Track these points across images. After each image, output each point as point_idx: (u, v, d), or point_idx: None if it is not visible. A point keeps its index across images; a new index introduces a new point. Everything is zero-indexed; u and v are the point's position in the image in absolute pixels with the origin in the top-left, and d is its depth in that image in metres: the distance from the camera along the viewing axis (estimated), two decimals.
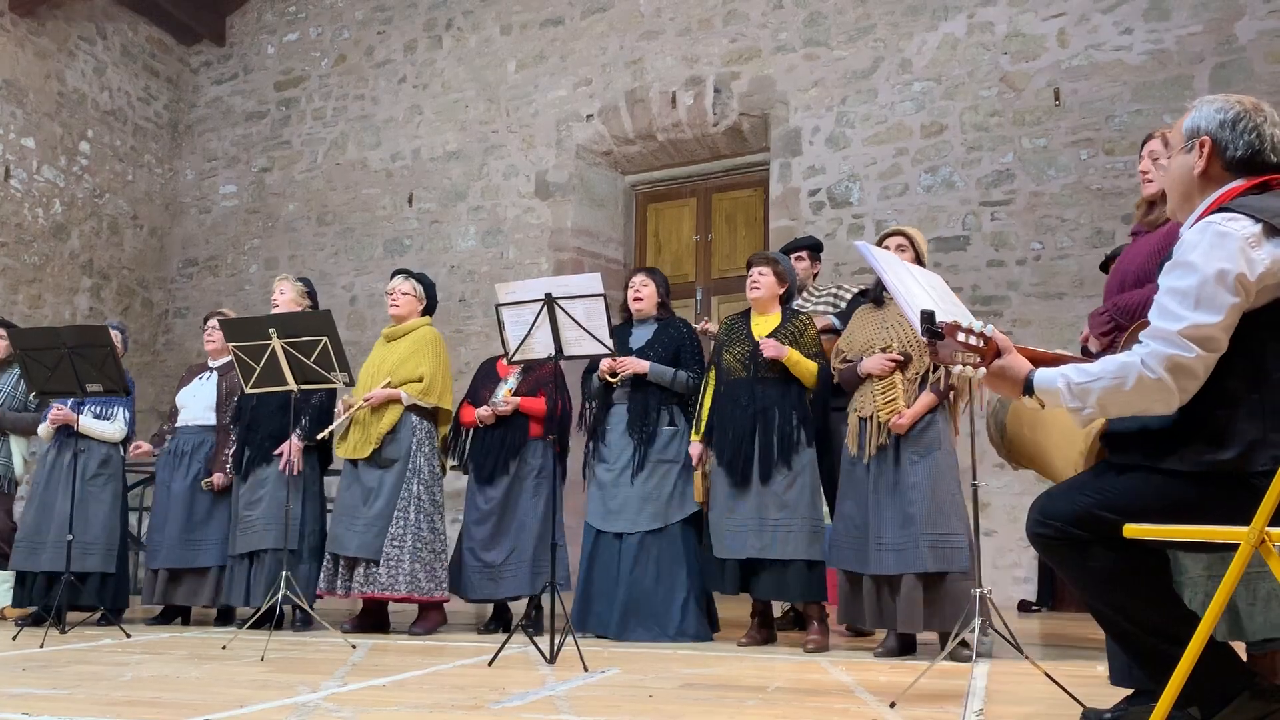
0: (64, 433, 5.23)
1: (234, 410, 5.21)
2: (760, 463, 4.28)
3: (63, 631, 4.58)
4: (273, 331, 4.24)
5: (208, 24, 10.02)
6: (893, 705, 2.69)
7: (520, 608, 4.91)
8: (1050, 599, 6.27)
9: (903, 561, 3.85)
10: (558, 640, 3.63)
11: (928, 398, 4.00)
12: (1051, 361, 2.13)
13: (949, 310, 2.21)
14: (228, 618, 5.19)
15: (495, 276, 8.04)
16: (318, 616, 4.64)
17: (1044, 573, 6.31)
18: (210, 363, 5.48)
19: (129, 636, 4.54)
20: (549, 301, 3.77)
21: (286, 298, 5.17)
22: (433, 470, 4.93)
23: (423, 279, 5.23)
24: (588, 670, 3.38)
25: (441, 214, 8.81)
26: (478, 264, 8.59)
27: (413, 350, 4.97)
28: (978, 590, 3.23)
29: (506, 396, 4.92)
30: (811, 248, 5.35)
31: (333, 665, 3.54)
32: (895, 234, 4.25)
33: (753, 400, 4.35)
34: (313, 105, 9.57)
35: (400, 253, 8.82)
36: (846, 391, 4.27)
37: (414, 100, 9.08)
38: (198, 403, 5.34)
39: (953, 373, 2.09)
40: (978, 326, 2.07)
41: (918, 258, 4.12)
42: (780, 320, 4.48)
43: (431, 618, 4.84)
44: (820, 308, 5.05)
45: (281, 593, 4.13)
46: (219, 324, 5.15)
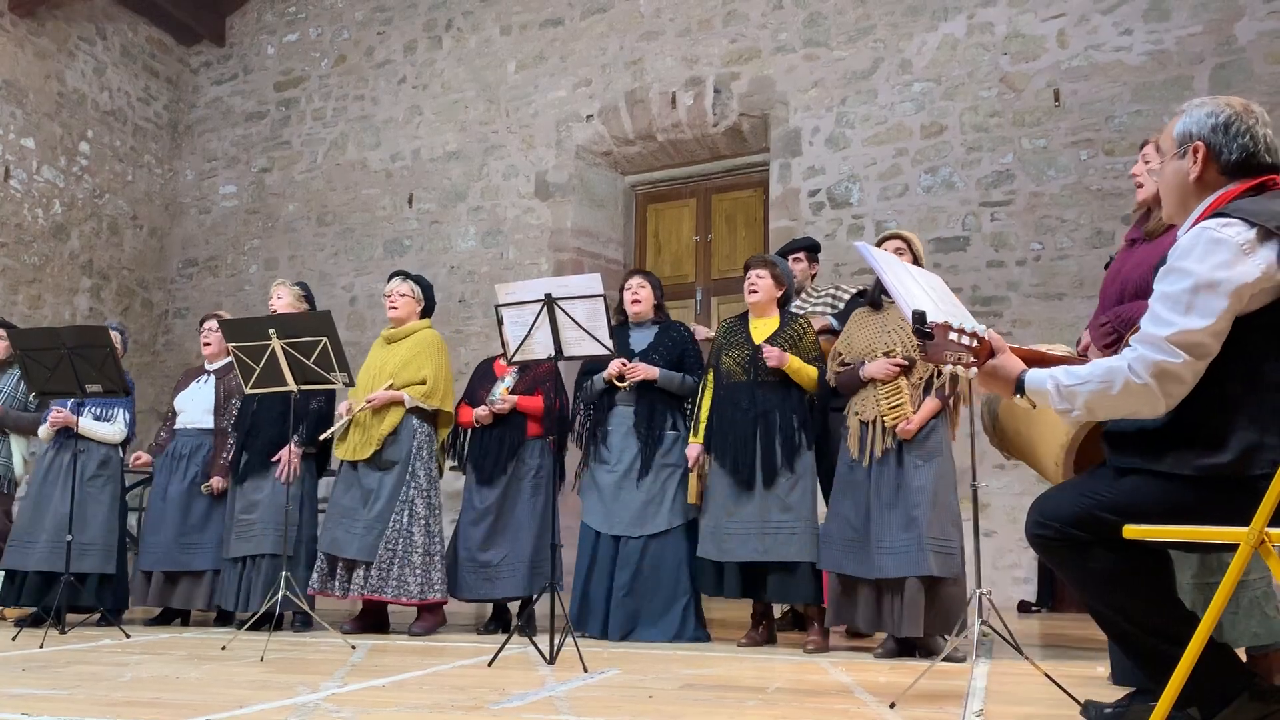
0: (64, 434, 5.22)
1: (235, 415, 5.21)
2: (763, 466, 4.27)
3: (62, 632, 4.58)
4: (272, 332, 4.23)
5: (208, 24, 10.03)
6: (892, 706, 2.69)
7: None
8: (1050, 600, 6.27)
9: (905, 564, 3.84)
10: (557, 641, 3.63)
11: (933, 403, 4.00)
12: (1048, 361, 2.14)
13: (947, 311, 2.22)
14: (227, 619, 5.18)
15: (495, 277, 8.04)
16: (317, 618, 4.64)
17: (1044, 573, 6.31)
18: (207, 365, 5.47)
19: (128, 637, 4.54)
20: (549, 302, 3.77)
21: (284, 302, 5.15)
22: (430, 473, 4.93)
23: (421, 280, 5.22)
24: (587, 671, 3.37)
25: (441, 214, 8.81)
26: (477, 264, 8.59)
27: (415, 352, 4.96)
28: (978, 591, 3.23)
29: (504, 395, 4.91)
30: (809, 249, 5.35)
31: (332, 666, 3.53)
32: (892, 237, 4.25)
33: (754, 404, 4.34)
34: (313, 106, 9.57)
35: (400, 253, 8.82)
36: (843, 394, 4.27)
37: (414, 101, 9.08)
38: (195, 406, 5.34)
39: (943, 372, 2.11)
40: (970, 326, 2.08)
41: (915, 261, 4.12)
42: (779, 323, 4.47)
43: (431, 618, 4.84)
44: (818, 308, 5.05)
45: (281, 593, 4.13)
46: (219, 324, 5.15)
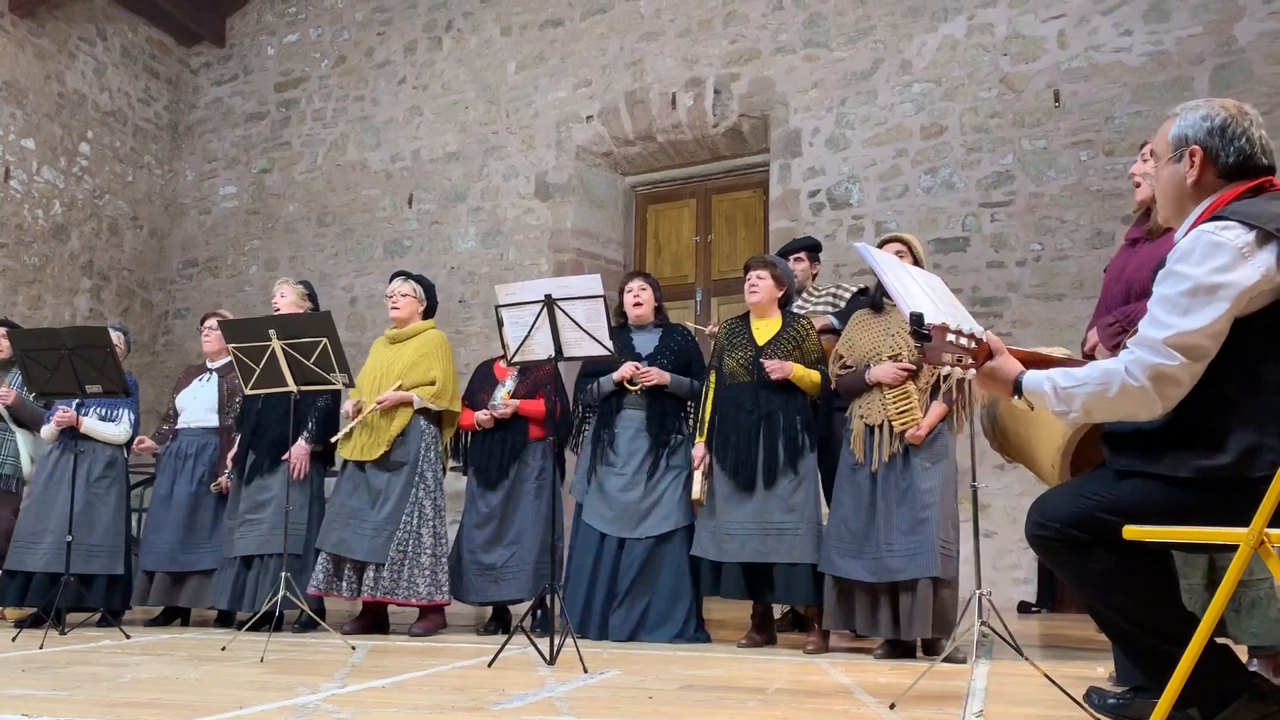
0: (69, 434, 5.21)
1: (238, 413, 5.20)
2: (765, 467, 4.27)
3: (62, 633, 4.58)
4: (272, 333, 4.23)
5: (208, 25, 10.03)
6: (892, 706, 2.69)
7: (521, 609, 4.90)
8: (1050, 600, 6.26)
9: (916, 566, 3.83)
10: (557, 641, 3.63)
11: (940, 408, 4.00)
12: (1047, 363, 2.14)
13: (948, 312, 2.22)
14: (228, 619, 5.18)
15: (495, 278, 8.04)
16: (319, 619, 4.63)
17: (1043, 574, 6.31)
18: (209, 364, 5.47)
19: (128, 638, 4.54)
20: (549, 303, 3.77)
21: (287, 300, 5.14)
22: (437, 474, 4.92)
23: (422, 280, 5.21)
24: (587, 671, 3.38)
25: (441, 215, 8.81)
26: (477, 265, 8.59)
27: (423, 353, 4.95)
28: (978, 591, 3.23)
29: (505, 399, 4.91)
30: (810, 249, 5.35)
31: (332, 666, 3.53)
32: (893, 240, 4.24)
33: (757, 405, 4.34)
34: (313, 106, 9.57)
35: (400, 254, 8.82)
36: (846, 397, 4.26)
37: (414, 101, 9.08)
38: (199, 405, 5.33)
39: (948, 374, 2.12)
40: (968, 328, 2.08)
41: (916, 263, 4.11)
42: (781, 325, 4.47)
43: (432, 619, 4.84)
44: (820, 308, 5.05)
45: (281, 593, 4.13)
46: (219, 324, 5.15)
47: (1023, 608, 6.26)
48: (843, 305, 4.97)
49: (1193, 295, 1.89)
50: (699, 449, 4.47)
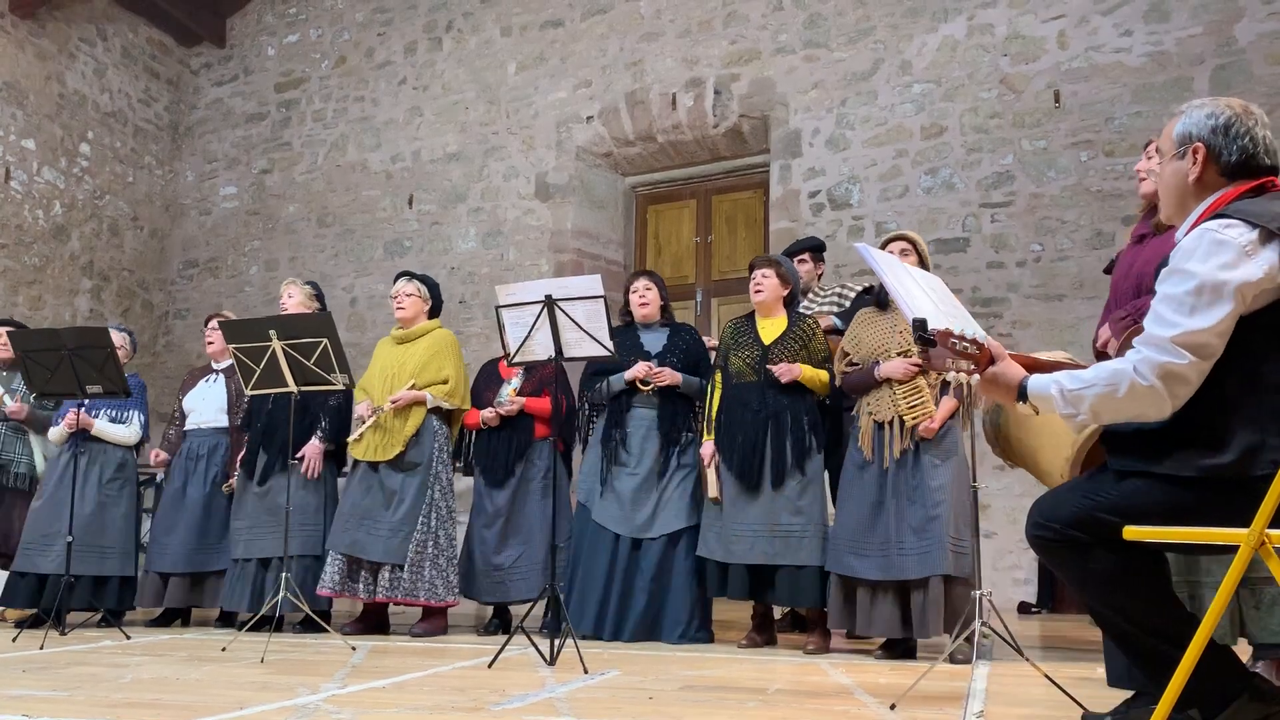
0: (80, 436, 5.16)
1: (245, 413, 5.19)
2: (773, 467, 4.26)
3: (62, 633, 4.58)
4: (273, 333, 4.23)
5: (208, 26, 10.03)
6: (893, 707, 2.69)
7: (521, 610, 4.90)
8: (1050, 601, 6.26)
9: (928, 564, 3.81)
10: (558, 642, 3.63)
11: (951, 402, 3.99)
12: (1048, 367, 2.13)
13: (949, 313, 2.21)
14: (229, 619, 5.17)
15: (495, 278, 8.04)
16: (322, 622, 4.61)
17: (1044, 575, 6.31)
18: (214, 365, 5.47)
19: (128, 638, 4.54)
20: (549, 303, 3.77)
21: (295, 300, 5.11)
22: (449, 474, 4.92)
23: (427, 280, 5.19)
24: (588, 672, 3.38)
25: (441, 215, 8.81)
26: (478, 265, 8.59)
27: (433, 352, 4.94)
28: (977, 592, 3.23)
29: (511, 396, 4.91)
30: (814, 249, 5.35)
31: (333, 667, 3.53)
32: (898, 238, 4.23)
33: (764, 405, 4.33)
34: (313, 107, 9.57)
35: (400, 254, 8.83)
36: (851, 395, 4.26)
37: (414, 102, 9.08)
38: (208, 405, 5.33)
39: (947, 379, 2.11)
40: (970, 333, 2.08)
41: (921, 262, 4.11)
42: (786, 324, 4.47)
43: (436, 621, 4.82)
44: (825, 308, 5.04)
45: (281, 594, 4.13)
46: (219, 325, 5.14)
47: (1023, 608, 6.26)
48: (848, 305, 4.96)
49: (1199, 293, 1.89)
50: (707, 447, 4.46)
